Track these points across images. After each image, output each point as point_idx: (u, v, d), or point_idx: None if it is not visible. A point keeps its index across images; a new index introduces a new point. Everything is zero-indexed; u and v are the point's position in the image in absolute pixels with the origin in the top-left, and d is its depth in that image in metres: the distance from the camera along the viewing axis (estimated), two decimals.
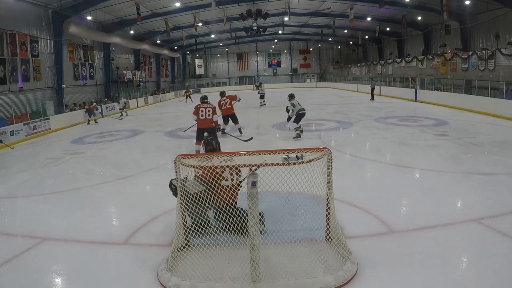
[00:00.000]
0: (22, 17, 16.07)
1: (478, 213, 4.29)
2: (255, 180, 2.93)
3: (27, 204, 5.76)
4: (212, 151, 4.23)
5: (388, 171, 6.58)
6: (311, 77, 45.59)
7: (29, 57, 16.46)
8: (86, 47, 22.41)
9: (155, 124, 15.07)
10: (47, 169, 8.03)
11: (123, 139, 11.54)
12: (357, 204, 4.73)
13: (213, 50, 46.01)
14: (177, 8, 23.71)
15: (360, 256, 3.37)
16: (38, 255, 3.87)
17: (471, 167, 6.51)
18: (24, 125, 12.99)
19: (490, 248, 3.55)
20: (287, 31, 37.58)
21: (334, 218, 3.49)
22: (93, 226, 4.52)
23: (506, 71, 16.31)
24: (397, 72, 27.98)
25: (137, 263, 3.56)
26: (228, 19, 27.06)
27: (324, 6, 26.26)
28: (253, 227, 2.94)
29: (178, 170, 3.37)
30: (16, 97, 15.24)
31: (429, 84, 20.30)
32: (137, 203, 5.32)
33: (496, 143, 8.26)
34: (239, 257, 3.23)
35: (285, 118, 9.85)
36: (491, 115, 12.51)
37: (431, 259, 3.34)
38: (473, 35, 21.25)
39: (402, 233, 3.94)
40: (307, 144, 8.66)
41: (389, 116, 13.64)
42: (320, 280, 2.99)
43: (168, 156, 8.21)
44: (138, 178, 6.86)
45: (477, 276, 3.14)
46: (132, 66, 29.76)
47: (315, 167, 3.25)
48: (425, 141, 8.76)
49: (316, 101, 22.14)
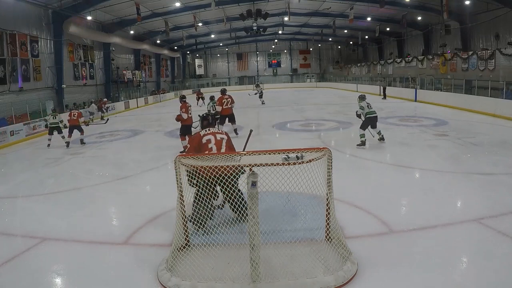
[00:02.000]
0: (22, 17, 16.08)
1: (478, 213, 4.28)
2: (255, 180, 2.92)
3: (27, 204, 5.76)
4: (208, 125, 4.42)
5: (388, 171, 6.58)
6: (311, 77, 45.60)
7: (29, 57, 16.47)
8: (86, 47, 22.41)
9: (155, 124, 15.07)
10: (47, 169, 8.03)
11: (123, 139, 11.54)
12: (357, 204, 4.73)
13: (213, 50, 46.02)
14: (177, 8, 23.72)
15: (360, 256, 3.37)
16: (38, 255, 3.87)
17: (471, 167, 6.51)
18: (24, 125, 13.00)
19: (490, 248, 3.55)
20: (287, 31, 37.59)
21: (334, 218, 3.49)
22: (93, 226, 4.52)
23: (506, 71, 16.32)
24: (397, 72, 27.98)
25: (137, 263, 3.55)
26: (228, 19, 27.07)
27: (324, 6, 26.27)
28: (253, 227, 2.94)
29: (178, 170, 3.37)
30: (16, 97, 15.25)
31: (429, 84, 20.31)
32: (137, 203, 5.32)
33: (496, 143, 8.26)
34: (239, 257, 3.23)
35: (285, 118, 9.82)
36: (491, 115, 12.51)
37: (431, 259, 3.34)
38: (473, 35, 21.25)
39: (402, 233, 3.94)
40: (307, 144, 8.66)
41: (389, 116, 13.63)
42: (320, 280, 2.99)
43: (168, 156, 8.21)
44: (138, 178, 6.86)
45: (477, 276, 3.14)
46: (132, 66, 29.76)
47: (315, 167, 3.25)
48: (425, 141, 8.76)
49: (316, 101, 22.15)
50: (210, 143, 4.15)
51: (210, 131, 4.28)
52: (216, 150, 4.12)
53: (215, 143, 4.16)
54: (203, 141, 4.17)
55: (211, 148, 4.12)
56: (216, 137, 4.20)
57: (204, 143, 4.16)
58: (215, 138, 4.19)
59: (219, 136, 4.23)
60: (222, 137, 4.26)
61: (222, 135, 4.29)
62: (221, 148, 4.16)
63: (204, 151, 4.11)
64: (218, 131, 4.35)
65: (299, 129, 11.70)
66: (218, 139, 4.19)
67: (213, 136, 4.20)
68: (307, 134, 10.53)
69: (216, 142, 4.16)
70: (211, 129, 4.36)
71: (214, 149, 4.12)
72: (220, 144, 4.18)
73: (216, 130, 4.37)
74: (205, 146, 4.14)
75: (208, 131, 4.30)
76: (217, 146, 4.15)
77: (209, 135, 4.22)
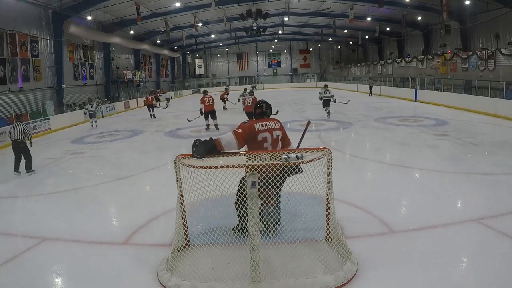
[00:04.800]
0: (22, 17, 16.07)
1: (478, 213, 4.28)
2: (255, 180, 2.92)
3: (27, 204, 5.76)
4: (261, 114, 3.84)
5: (388, 171, 6.58)
6: (311, 77, 45.59)
7: (29, 57, 16.46)
8: (86, 47, 22.40)
9: (155, 124, 15.07)
10: (47, 169, 8.03)
11: (123, 139, 11.54)
12: (357, 204, 4.73)
13: (213, 50, 46.02)
14: (177, 8, 23.71)
15: (360, 256, 3.37)
16: (38, 255, 3.87)
17: (471, 167, 6.51)
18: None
19: (490, 248, 3.55)
20: (287, 31, 37.57)
21: (334, 218, 3.48)
22: (93, 226, 4.52)
23: (506, 71, 16.31)
24: (397, 72, 27.98)
25: (137, 263, 3.55)
26: (228, 19, 27.06)
27: (324, 6, 26.27)
28: (253, 227, 2.94)
29: (178, 170, 3.36)
30: (16, 97, 15.24)
31: (429, 84, 20.30)
32: (137, 203, 5.32)
33: (496, 143, 8.26)
34: (239, 257, 3.23)
35: (285, 118, 9.92)
36: (491, 115, 12.51)
37: (431, 259, 3.34)
38: (473, 35, 21.24)
39: (402, 233, 3.94)
40: (307, 144, 8.65)
41: (389, 116, 13.64)
42: (320, 280, 2.99)
43: (168, 156, 8.22)
44: (138, 178, 6.86)
45: (477, 276, 3.14)
46: (132, 66, 29.76)
47: (315, 167, 3.25)
48: (425, 141, 8.76)
49: (316, 101, 22.10)
50: (266, 142, 3.63)
51: (266, 127, 3.65)
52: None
53: (271, 143, 3.64)
54: (259, 138, 3.60)
55: (266, 148, 3.59)
56: (273, 136, 3.66)
57: (259, 141, 3.60)
58: (272, 137, 3.64)
59: (275, 134, 3.67)
60: (278, 134, 3.70)
61: (277, 131, 3.70)
62: (276, 147, 3.67)
63: (258, 149, 3.53)
64: (274, 127, 3.70)
65: (299, 129, 11.69)
66: (274, 137, 3.66)
67: (270, 135, 3.64)
68: (307, 134, 10.48)
69: (272, 142, 3.64)
70: (267, 122, 3.70)
71: (269, 148, 3.60)
72: (276, 144, 3.68)
73: (272, 124, 3.72)
74: (260, 145, 3.60)
75: (265, 126, 3.65)
76: (272, 147, 3.64)
77: (265, 132, 3.63)
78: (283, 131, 3.80)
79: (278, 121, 3.82)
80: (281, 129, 3.78)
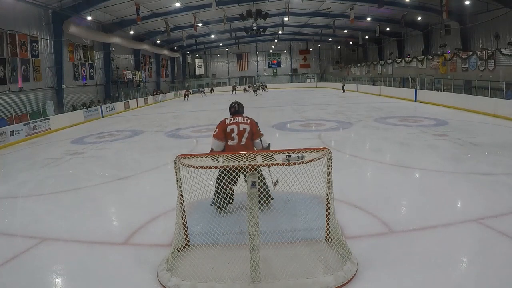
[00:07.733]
0: (22, 17, 16.07)
1: (478, 213, 4.28)
2: (255, 180, 2.92)
3: (27, 204, 5.76)
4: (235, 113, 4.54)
5: (388, 171, 6.58)
6: (311, 77, 45.60)
7: (29, 57, 16.46)
8: (86, 47, 22.40)
9: (155, 124, 15.07)
10: (47, 169, 8.03)
11: (123, 139, 11.54)
12: (357, 204, 4.73)
13: (213, 50, 46.03)
14: (177, 8, 23.71)
15: (360, 256, 3.36)
16: (38, 255, 3.87)
17: (471, 167, 6.51)
18: (24, 125, 12.99)
19: (490, 248, 3.55)
20: (287, 31, 37.58)
21: (334, 218, 3.48)
22: (93, 226, 4.52)
23: (506, 71, 16.32)
24: (397, 72, 27.98)
25: (137, 263, 3.55)
26: (228, 19, 27.07)
27: (324, 6, 26.27)
28: (253, 227, 2.94)
29: (178, 170, 3.36)
30: (16, 97, 15.24)
31: (429, 84, 20.31)
32: (137, 203, 5.32)
33: (496, 143, 8.25)
34: (239, 257, 3.23)
35: (285, 118, 9.88)
36: (491, 115, 12.51)
37: (431, 259, 3.34)
38: (473, 35, 21.24)
39: (402, 233, 3.94)
40: (307, 144, 8.66)
41: (389, 116, 13.64)
42: (320, 280, 2.99)
43: (168, 156, 8.21)
44: (138, 178, 6.86)
45: (477, 276, 3.14)
46: (132, 66, 29.75)
47: (315, 167, 3.25)
48: (425, 141, 8.76)
49: (316, 101, 22.15)
50: (233, 132, 4.31)
51: (234, 121, 4.39)
52: (237, 140, 4.29)
53: (238, 133, 4.30)
54: (227, 130, 4.33)
55: (233, 138, 4.31)
56: (239, 128, 4.32)
57: (228, 132, 4.33)
58: (238, 129, 4.31)
59: (242, 127, 4.33)
60: (245, 127, 4.34)
61: (245, 125, 4.36)
62: (242, 138, 4.31)
63: (228, 139, 4.33)
64: (242, 121, 4.40)
65: (299, 129, 11.71)
66: (240, 129, 4.32)
67: (237, 126, 4.33)
68: (307, 134, 10.53)
69: (238, 133, 4.30)
70: (236, 118, 4.44)
71: (236, 139, 4.31)
72: (242, 135, 4.31)
73: (240, 119, 4.43)
74: (229, 135, 4.33)
75: (233, 120, 4.40)
76: (238, 137, 4.30)
77: (233, 124, 4.36)
78: (254, 128, 4.40)
79: (250, 119, 4.45)
80: (251, 125, 4.39)
